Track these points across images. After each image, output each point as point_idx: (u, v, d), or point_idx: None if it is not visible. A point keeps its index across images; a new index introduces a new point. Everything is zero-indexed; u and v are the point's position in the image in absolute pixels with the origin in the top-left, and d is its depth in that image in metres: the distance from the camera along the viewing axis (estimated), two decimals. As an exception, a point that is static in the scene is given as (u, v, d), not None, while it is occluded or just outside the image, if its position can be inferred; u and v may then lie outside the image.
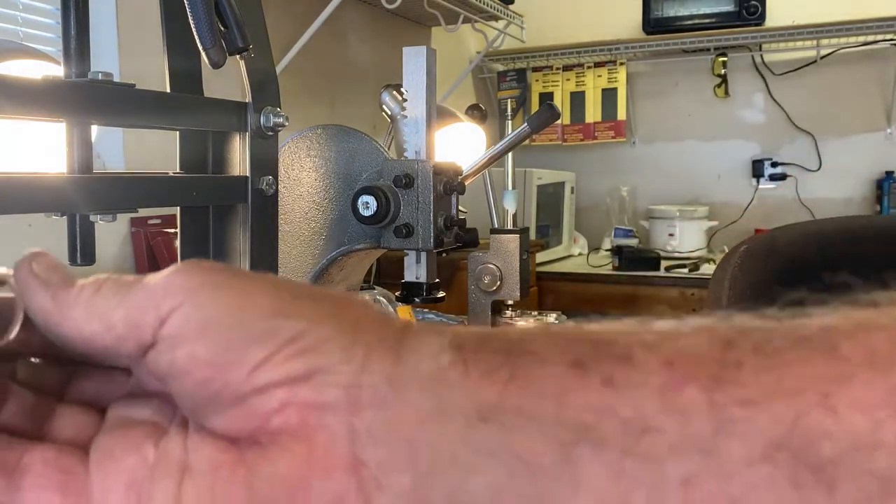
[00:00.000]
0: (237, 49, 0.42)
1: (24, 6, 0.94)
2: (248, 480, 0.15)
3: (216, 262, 0.17)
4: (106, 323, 0.16)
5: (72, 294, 0.16)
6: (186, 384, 0.16)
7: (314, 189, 0.55)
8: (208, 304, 0.16)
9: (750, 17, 1.83)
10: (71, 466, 0.16)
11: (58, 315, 0.16)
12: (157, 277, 0.16)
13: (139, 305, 0.16)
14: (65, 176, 0.39)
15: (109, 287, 0.16)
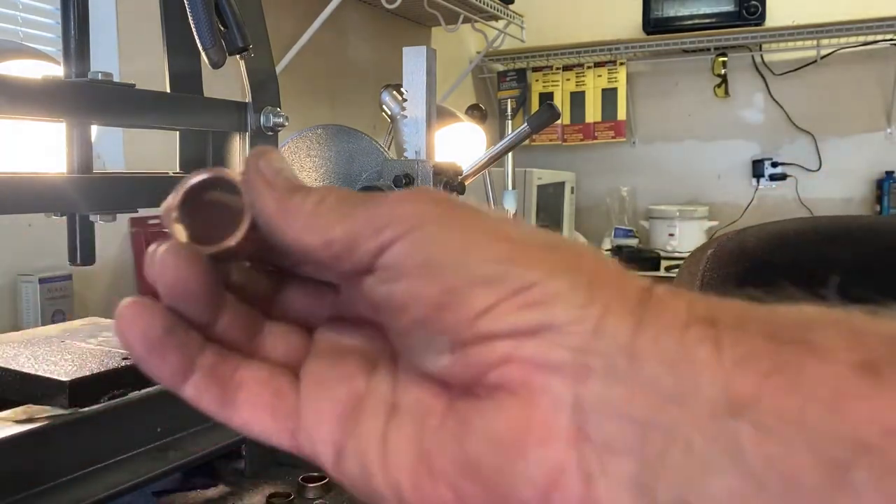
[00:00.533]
0: (237, 49, 0.42)
1: (24, 6, 0.94)
2: (459, 433, 0.14)
3: (448, 194, 0.16)
4: (324, 238, 0.15)
5: (295, 201, 0.15)
6: (402, 320, 0.15)
7: (314, 189, 0.55)
8: (433, 240, 0.14)
9: (750, 16, 1.83)
10: (282, 388, 0.16)
11: (280, 221, 0.15)
12: (382, 201, 0.15)
13: (360, 228, 0.15)
14: (65, 176, 0.39)
15: (334, 201, 0.15)
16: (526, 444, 0.13)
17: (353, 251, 0.15)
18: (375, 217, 0.15)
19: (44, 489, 0.35)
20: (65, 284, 0.86)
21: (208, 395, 0.16)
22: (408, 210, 0.15)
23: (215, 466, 0.49)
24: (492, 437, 0.14)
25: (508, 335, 0.14)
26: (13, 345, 0.42)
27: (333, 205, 0.15)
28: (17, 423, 0.34)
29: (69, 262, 0.41)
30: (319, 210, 0.15)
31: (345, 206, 0.15)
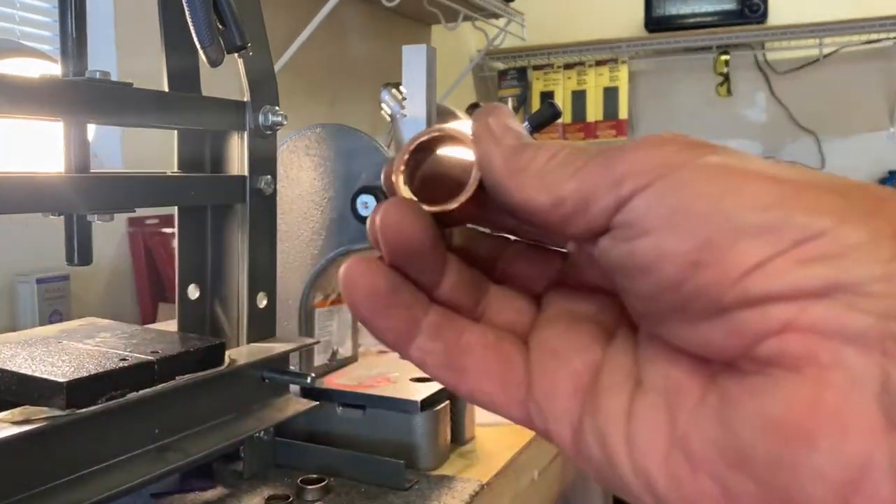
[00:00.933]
0: (235, 47, 0.42)
1: (21, 4, 0.94)
2: (724, 416, 0.12)
3: (693, 137, 0.13)
4: (554, 196, 0.13)
5: (524, 158, 0.14)
6: (645, 283, 0.13)
7: (313, 189, 0.55)
8: (684, 186, 0.12)
9: (752, 15, 1.82)
10: (510, 356, 0.15)
11: (507, 180, 0.14)
12: (619, 150, 0.13)
13: (594, 181, 0.13)
14: (62, 175, 0.39)
15: (566, 156, 0.14)
16: (815, 431, 0.11)
17: (587, 209, 0.13)
18: (611, 168, 0.13)
19: (41, 491, 0.35)
20: (62, 285, 0.86)
21: (433, 357, 0.15)
22: (650, 156, 0.13)
23: (214, 468, 0.49)
24: (768, 421, 0.11)
25: (788, 296, 0.11)
26: (10, 345, 0.42)
27: (565, 159, 0.14)
28: (14, 425, 0.34)
29: (66, 262, 0.41)
30: (550, 166, 0.14)
31: (578, 159, 0.14)
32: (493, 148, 0.15)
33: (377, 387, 0.53)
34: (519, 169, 0.14)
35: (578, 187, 0.13)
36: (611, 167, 0.13)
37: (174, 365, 0.41)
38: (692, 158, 0.12)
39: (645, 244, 0.12)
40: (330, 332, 0.58)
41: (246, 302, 0.49)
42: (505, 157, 0.15)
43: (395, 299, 0.15)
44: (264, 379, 0.48)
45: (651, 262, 0.12)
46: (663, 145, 0.13)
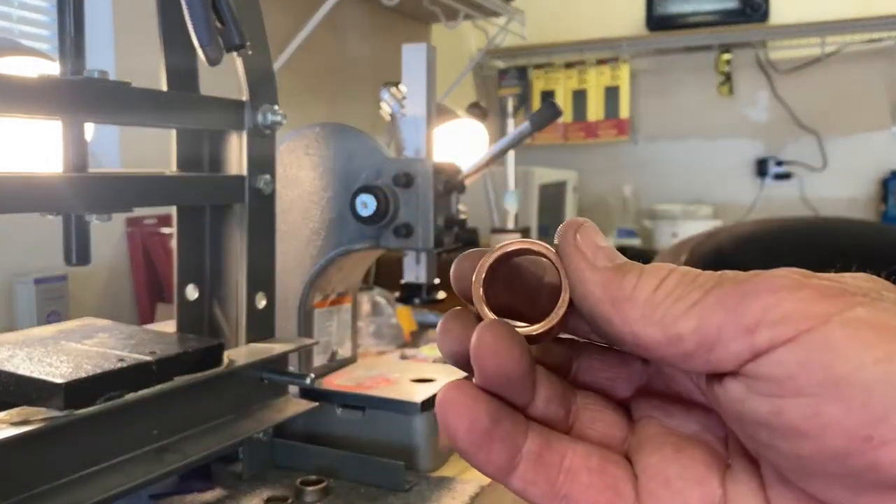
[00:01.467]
0: (234, 46, 0.42)
1: (19, 3, 0.94)
2: None
3: (833, 279, 0.12)
4: (669, 333, 0.13)
5: (626, 285, 0.13)
6: (800, 446, 0.12)
7: (312, 188, 0.54)
8: (835, 347, 0.11)
9: (754, 13, 1.82)
10: (618, 483, 0.14)
11: (608, 309, 0.14)
12: (746, 287, 0.12)
13: (720, 322, 0.12)
14: (60, 175, 0.39)
15: (676, 285, 0.13)
16: None
17: (712, 351, 0.12)
18: (741, 311, 0.12)
19: (39, 492, 0.35)
20: (60, 285, 0.85)
21: (536, 488, 0.14)
22: (786, 304, 0.12)
23: (212, 469, 0.49)
24: None
25: None
26: (8, 346, 0.42)
27: (677, 290, 0.13)
28: (12, 426, 0.34)
29: (65, 262, 0.40)
30: (658, 297, 0.13)
31: (692, 292, 0.13)
32: (588, 273, 0.14)
33: (377, 388, 0.53)
34: (623, 298, 0.14)
35: (699, 326, 0.13)
36: (740, 310, 0.12)
37: (173, 365, 0.40)
38: (836, 311, 0.12)
39: (799, 407, 0.12)
40: (329, 332, 0.58)
41: (245, 302, 0.49)
42: (604, 284, 0.14)
43: (497, 431, 0.14)
44: (263, 379, 0.48)
45: (810, 428, 0.12)
46: (798, 290, 0.12)
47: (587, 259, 0.14)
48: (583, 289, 0.14)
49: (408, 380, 0.54)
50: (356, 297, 0.61)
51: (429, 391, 0.51)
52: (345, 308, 0.60)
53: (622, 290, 0.14)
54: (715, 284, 0.13)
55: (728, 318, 0.12)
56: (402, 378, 0.55)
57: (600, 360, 0.16)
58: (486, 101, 1.97)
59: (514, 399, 0.15)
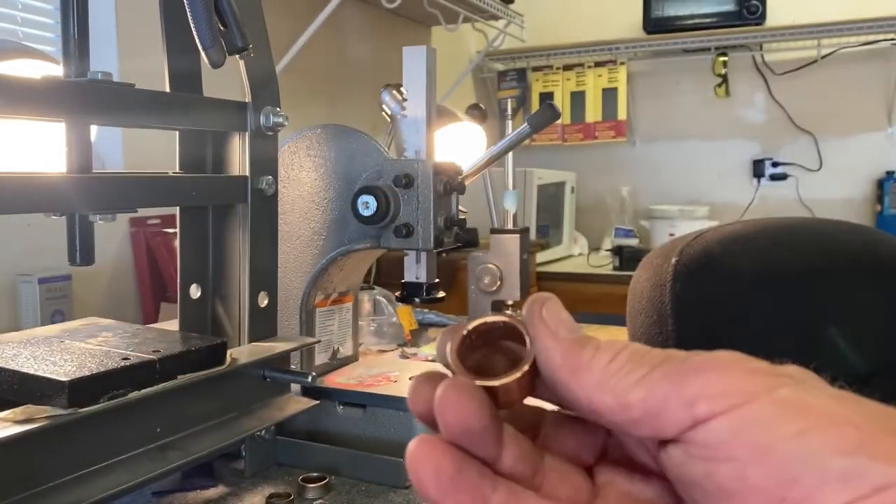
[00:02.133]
0: (237, 49, 0.42)
1: (23, 6, 0.94)
2: None
3: (764, 363, 0.14)
4: (620, 401, 0.14)
5: (584, 356, 0.15)
6: (722, 502, 0.13)
7: (314, 189, 0.55)
8: (762, 421, 0.13)
9: (750, 16, 1.83)
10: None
11: (567, 376, 0.15)
12: (685, 367, 0.14)
13: (664, 395, 0.14)
14: (64, 176, 0.39)
15: (627, 359, 0.15)
16: None
17: (657, 418, 0.14)
18: (682, 386, 0.14)
19: (43, 489, 0.35)
20: (64, 284, 0.86)
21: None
22: (723, 383, 0.14)
23: (215, 467, 0.49)
24: None
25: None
26: (12, 345, 0.42)
27: (628, 364, 0.15)
28: (17, 424, 0.34)
29: (68, 262, 0.41)
30: (612, 368, 0.15)
31: (642, 366, 0.15)
32: (550, 342, 0.16)
33: (378, 386, 0.53)
34: (580, 367, 0.15)
35: (646, 397, 0.14)
36: (681, 385, 0.14)
37: (176, 364, 0.41)
38: (765, 390, 0.14)
39: (728, 470, 0.13)
40: (331, 331, 0.59)
41: (247, 301, 0.49)
42: (564, 353, 0.15)
43: (462, 479, 0.15)
44: (265, 378, 0.48)
45: (736, 489, 0.13)
46: (735, 369, 0.14)
47: (550, 330, 0.16)
48: (545, 356, 0.16)
49: (408, 378, 0.55)
50: (357, 297, 0.62)
51: (429, 389, 0.52)
52: (346, 307, 0.60)
53: (580, 360, 0.15)
54: (662, 361, 0.15)
55: (672, 391, 0.14)
56: (402, 376, 0.55)
57: (567, 427, 0.17)
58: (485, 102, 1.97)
59: (479, 453, 0.15)
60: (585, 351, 0.15)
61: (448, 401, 0.15)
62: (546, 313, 0.16)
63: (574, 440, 0.17)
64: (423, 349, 0.76)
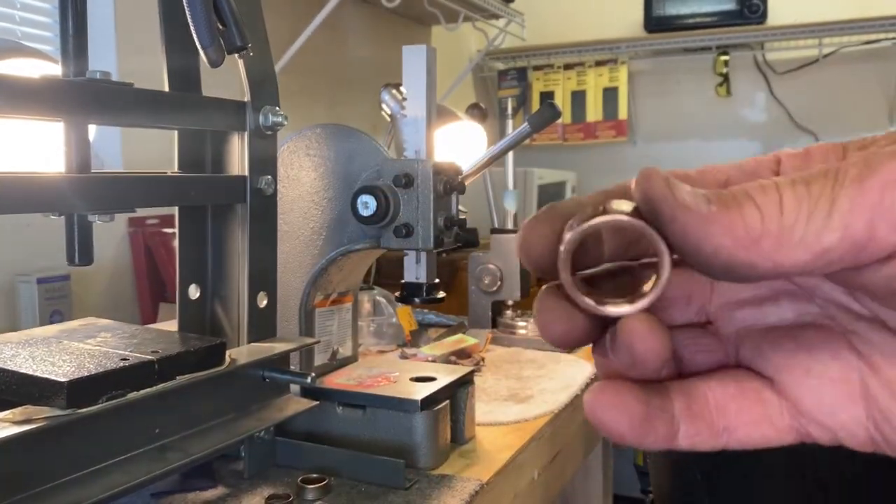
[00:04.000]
0: (236, 48, 0.42)
1: (21, 5, 0.94)
2: None
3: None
4: (815, 250, 0.12)
5: (751, 224, 0.13)
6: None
7: (313, 189, 0.55)
8: None
9: (752, 15, 1.83)
10: (759, 394, 0.15)
11: (744, 253, 0.13)
12: (873, 177, 0.12)
13: (866, 223, 0.12)
14: (63, 175, 0.39)
15: (795, 202, 0.13)
16: None
17: (864, 250, 0.12)
18: (884, 203, 0.12)
19: (41, 490, 0.35)
20: (63, 285, 0.86)
21: (701, 438, 0.15)
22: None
23: (214, 467, 0.49)
24: None
25: None
26: (11, 345, 0.42)
27: (801, 206, 0.13)
28: (15, 424, 0.34)
29: (67, 262, 0.41)
30: (787, 221, 0.13)
31: (819, 202, 0.13)
32: (709, 227, 0.13)
33: (377, 386, 0.53)
34: (755, 238, 0.13)
35: (844, 234, 0.12)
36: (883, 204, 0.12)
37: (175, 365, 0.41)
38: None
39: None
40: (330, 331, 0.58)
41: (246, 302, 0.49)
42: (729, 231, 0.13)
43: (652, 413, 0.15)
44: (265, 378, 0.48)
45: None
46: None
47: (697, 211, 0.13)
48: (709, 244, 0.13)
49: (408, 378, 0.54)
50: (357, 297, 0.61)
51: (429, 390, 0.52)
52: (346, 307, 0.60)
53: (751, 230, 0.13)
54: (833, 183, 0.13)
55: (873, 214, 0.12)
56: (402, 377, 0.55)
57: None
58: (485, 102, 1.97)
59: (655, 374, 0.15)
60: (748, 217, 0.13)
61: (633, 337, 0.14)
62: (676, 193, 0.13)
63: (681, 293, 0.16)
64: (424, 349, 0.76)
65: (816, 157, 0.16)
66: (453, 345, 0.77)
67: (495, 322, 0.90)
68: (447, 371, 0.57)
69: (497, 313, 0.91)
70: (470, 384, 0.56)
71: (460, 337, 0.80)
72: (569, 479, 0.69)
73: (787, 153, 0.16)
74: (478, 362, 0.76)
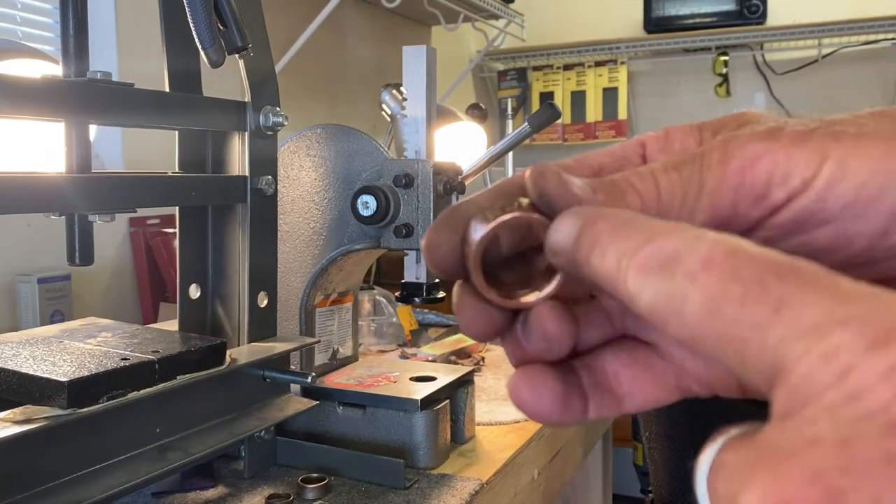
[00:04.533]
0: (236, 48, 0.42)
1: (22, 5, 0.94)
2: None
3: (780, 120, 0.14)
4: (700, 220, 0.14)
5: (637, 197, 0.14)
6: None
7: (313, 189, 0.55)
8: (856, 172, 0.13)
9: (751, 16, 1.83)
10: (647, 359, 0.16)
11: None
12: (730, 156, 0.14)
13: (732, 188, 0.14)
14: (63, 176, 0.39)
15: (675, 176, 0.14)
16: None
17: (727, 228, 0.13)
18: (739, 182, 0.13)
19: (42, 490, 0.35)
20: (63, 284, 0.86)
21: (606, 406, 0.16)
22: (804, 154, 0.13)
23: (214, 467, 0.49)
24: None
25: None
26: (11, 345, 0.42)
27: (671, 187, 0.14)
28: (16, 424, 0.34)
29: (68, 262, 0.41)
30: (665, 202, 0.14)
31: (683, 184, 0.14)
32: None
33: (377, 386, 0.53)
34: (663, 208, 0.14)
35: (713, 214, 0.14)
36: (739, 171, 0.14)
37: (175, 364, 0.41)
38: (839, 147, 0.14)
39: (828, 231, 0.14)
40: (330, 331, 0.59)
41: (247, 301, 0.49)
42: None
43: (569, 390, 0.16)
44: (265, 378, 0.48)
45: (834, 244, 0.14)
46: (806, 139, 0.14)
47: (588, 202, 0.14)
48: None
49: (408, 378, 0.55)
50: (357, 297, 0.61)
51: (429, 389, 0.52)
52: (346, 307, 0.60)
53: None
54: (702, 170, 0.14)
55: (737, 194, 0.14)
56: (402, 377, 0.55)
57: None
58: (485, 102, 1.98)
59: (563, 356, 0.16)
60: (629, 200, 0.14)
61: (549, 321, 0.15)
62: (552, 180, 0.14)
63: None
64: (424, 349, 0.76)
65: (676, 137, 0.17)
66: (453, 345, 0.77)
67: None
68: (447, 371, 0.57)
69: (497, 313, 0.90)
70: (470, 384, 0.56)
71: (460, 337, 0.80)
72: (569, 478, 0.69)
73: (649, 136, 0.17)
74: (478, 362, 0.76)
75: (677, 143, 0.17)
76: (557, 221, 0.14)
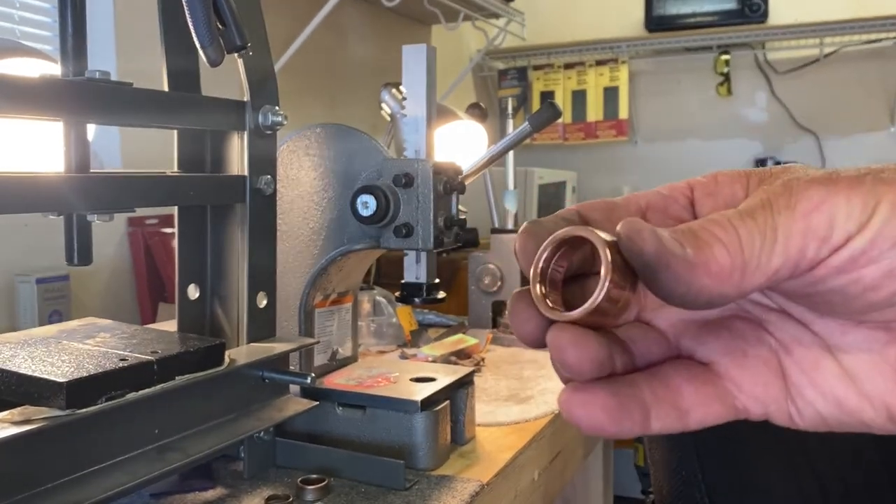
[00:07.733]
0: (235, 47, 0.42)
1: (21, 4, 0.94)
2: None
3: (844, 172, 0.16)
4: (768, 273, 0.15)
5: (719, 257, 0.15)
6: (865, 299, 0.15)
7: (313, 188, 0.55)
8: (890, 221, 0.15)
9: (753, 14, 1.82)
10: (705, 375, 0.17)
11: (708, 281, 0.15)
12: (787, 209, 0.15)
13: (798, 247, 0.15)
14: (62, 175, 0.39)
15: (748, 234, 0.15)
16: None
17: (797, 269, 0.15)
18: (807, 226, 0.15)
19: (40, 491, 0.35)
20: (62, 285, 0.86)
21: (669, 419, 0.17)
22: (860, 198, 0.15)
23: (213, 468, 0.49)
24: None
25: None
26: (10, 345, 0.42)
27: (751, 236, 0.15)
28: (14, 425, 0.34)
29: (66, 262, 0.41)
30: (747, 254, 0.15)
31: (764, 231, 0.15)
32: (692, 269, 0.15)
33: (377, 387, 0.53)
34: (729, 273, 0.15)
35: (787, 257, 0.15)
36: (799, 226, 0.15)
37: (174, 365, 0.41)
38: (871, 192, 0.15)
39: (874, 269, 0.15)
40: (330, 332, 0.58)
41: (246, 302, 0.49)
42: (710, 272, 0.15)
43: (624, 401, 0.16)
44: (264, 379, 0.48)
45: (879, 283, 0.15)
46: (834, 191, 0.15)
47: (682, 257, 0.15)
48: (695, 285, 0.15)
49: (408, 379, 0.54)
50: (357, 297, 0.61)
51: (429, 390, 0.52)
52: (345, 308, 0.60)
53: (723, 267, 0.15)
54: (773, 215, 0.15)
55: (805, 238, 0.15)
56: (402, 377, 0.55)
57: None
58: (485, 101, 1.97)
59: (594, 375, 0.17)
60: (717, 253, 0.15)
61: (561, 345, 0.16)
62: (645, 236, 0.15)
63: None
64: (424, 349, 0.76)
65: (724, 182, 0.18)
66: (453, 345, 0.77)
67: (495, 322, 0.90)
68: (447, 371, 0.56)
69: (497, 313, 0.91)
70: (470, 384, 0.56)
71: (460, 337, 0.80)
72: (569, 479, 0.69)
73: (698, 181, 0.19)
74: (478, 362, 0.76)
75: (726, 189, 0.18)
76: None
